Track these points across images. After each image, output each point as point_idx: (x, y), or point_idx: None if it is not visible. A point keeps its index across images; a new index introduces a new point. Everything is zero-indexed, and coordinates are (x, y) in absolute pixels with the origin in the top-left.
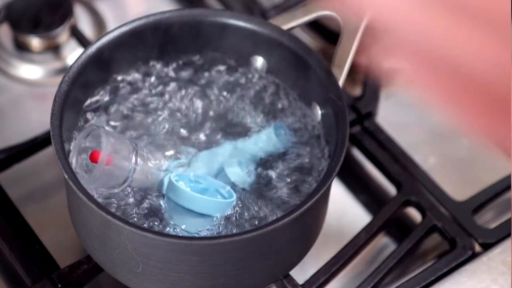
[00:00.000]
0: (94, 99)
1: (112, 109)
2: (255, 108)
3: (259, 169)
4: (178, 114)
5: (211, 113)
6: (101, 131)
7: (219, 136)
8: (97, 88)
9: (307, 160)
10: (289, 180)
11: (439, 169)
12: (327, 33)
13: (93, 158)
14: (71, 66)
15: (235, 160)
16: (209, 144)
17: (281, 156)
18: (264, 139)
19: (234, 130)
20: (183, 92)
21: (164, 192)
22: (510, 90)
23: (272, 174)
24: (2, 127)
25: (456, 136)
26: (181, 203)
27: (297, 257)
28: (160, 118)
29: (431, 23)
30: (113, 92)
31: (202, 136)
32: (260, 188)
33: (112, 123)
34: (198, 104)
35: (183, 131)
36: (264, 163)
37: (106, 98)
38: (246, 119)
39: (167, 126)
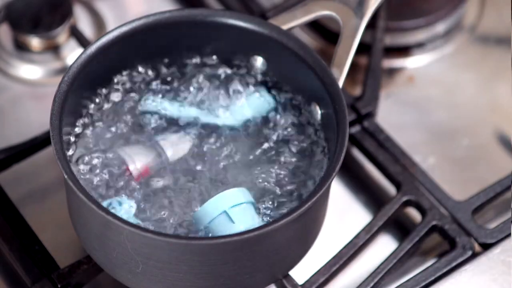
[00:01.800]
0: (93, 99)
1: (111, 108)
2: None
3: (259, 170)
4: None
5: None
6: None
7: (217, 134)
8: (97, 88)
9: (306, 160)
10: (288, 180)
11: (439, 169)
12: (326, 33)
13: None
14: (71, 66)
15: None
16: (209, 140)
17: (280, 156)
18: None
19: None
20: (182, 92)
21: (207, 223)
22: None
23: (271, 174)
24: (1, 127)
25: (456, 136)
26: (242, 201)
27: (297, 257)
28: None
29: None
30: (112, 92)
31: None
32: (259, 187)
33: (110, 122)
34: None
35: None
36: (263, 162)
37: (105, 98)
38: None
39: (166, 125)
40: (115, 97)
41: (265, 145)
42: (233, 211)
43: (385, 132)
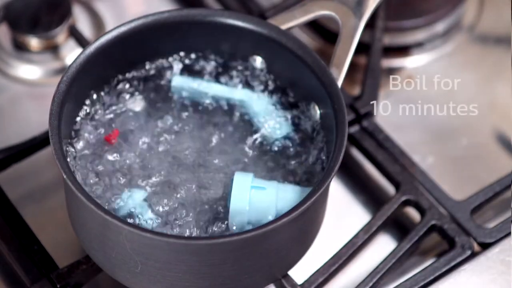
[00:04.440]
0: (92, 99)
1: (111, 107)
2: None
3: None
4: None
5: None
6: None
7: (217, 135)
8: (96, 88)
9: (306, 160)
10: (288, 180)
11: (438, 168)
12: (325, 33)
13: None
14: (70, 66)
15: None
16: (207, 140)
17: (280, 156)
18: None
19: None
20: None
21: (248, 207)
22: None
23: (271, 174)
24: (1, 127)
25: (455, 136)
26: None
27: (296, 257)
28: (159, 116)
29: None
30: (111, 92)
31: (200, 134)
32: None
33: (110, 120)
34: (196, 104)
35: (181, 129)
36: (263, 162)
37: (105, 98)
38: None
39: (164, 124)
40: (114, 96)
41: (260, 140)
42: (256, 183)
43: (384, 132)
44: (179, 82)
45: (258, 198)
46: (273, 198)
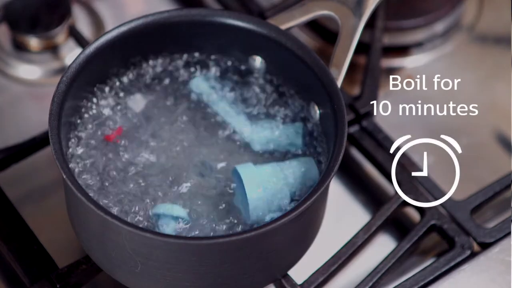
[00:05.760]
0: (92, 99)
1: (110, 107)
2: (253, 107)
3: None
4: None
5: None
6: None
7: (216, 136)
8: (95, 88)
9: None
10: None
11: (438, 168)
12: (325, 32)
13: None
14: (70, 66)
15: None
16: (209, 141)
17: (280, 156)
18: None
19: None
20: (180, 92)
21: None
22: None
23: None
24: (1, 127)
25: (455, 136)
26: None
27: (296, 257)
28: (158, 116)
29: None
30: (111, 92)
31: (201, 134)
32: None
33: (110, 120)
34: (195, 105)
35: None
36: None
37: (104, 97)
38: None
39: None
40: (113, 95)
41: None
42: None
43: (383, 131)
44: (197, 86)
45: (266, 175)
46: (281, 177)
